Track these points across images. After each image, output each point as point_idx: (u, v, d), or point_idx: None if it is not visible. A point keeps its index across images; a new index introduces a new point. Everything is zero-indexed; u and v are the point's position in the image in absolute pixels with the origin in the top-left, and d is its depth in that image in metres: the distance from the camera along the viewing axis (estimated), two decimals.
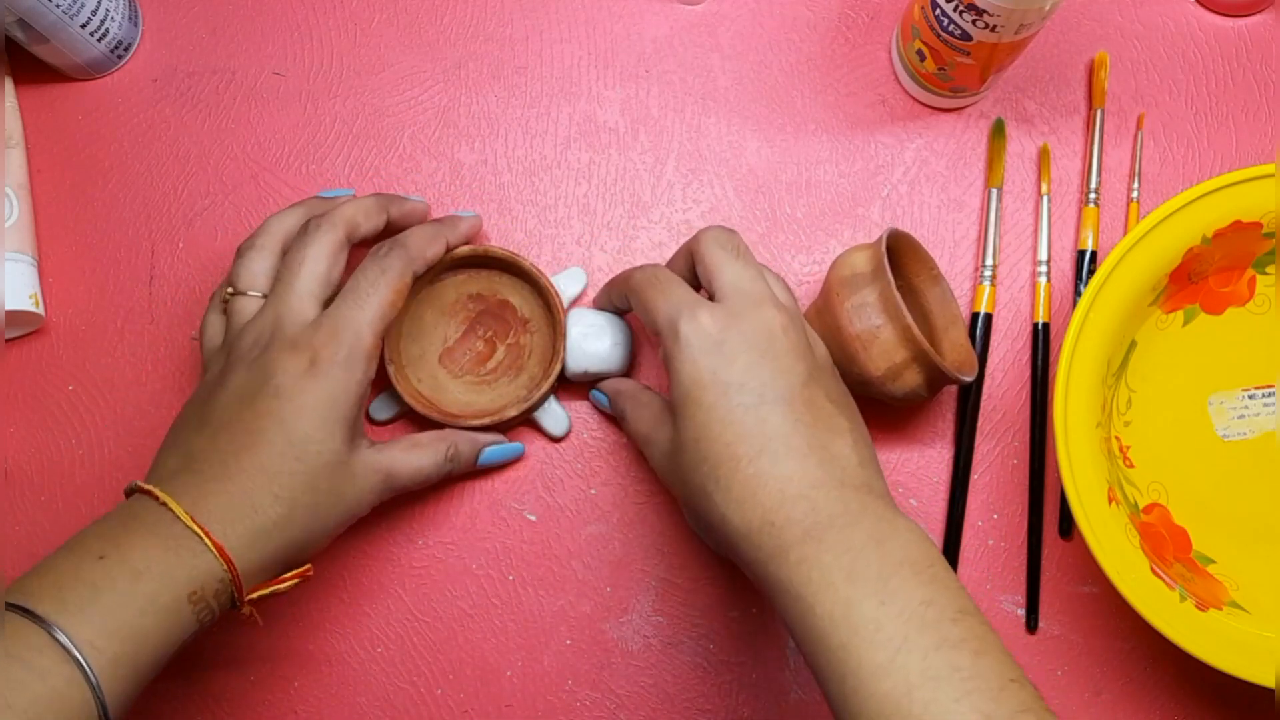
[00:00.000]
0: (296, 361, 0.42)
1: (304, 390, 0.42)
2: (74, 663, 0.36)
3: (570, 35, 0.56)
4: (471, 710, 0.52)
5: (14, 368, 0.53)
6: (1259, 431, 0.51)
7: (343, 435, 0.43)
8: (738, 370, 0.40)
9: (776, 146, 0.55)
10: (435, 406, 0.50)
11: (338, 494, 0.43)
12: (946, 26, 0.48)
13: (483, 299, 0.52)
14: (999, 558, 0.52)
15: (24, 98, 0.55)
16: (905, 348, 0.46)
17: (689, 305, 0.42)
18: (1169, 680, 0.52)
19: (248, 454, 0.41)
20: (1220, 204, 0.48)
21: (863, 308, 0.46)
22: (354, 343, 0.43)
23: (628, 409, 0.48)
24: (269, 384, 0.42)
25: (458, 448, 0.49)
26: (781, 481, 0.38)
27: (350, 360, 0.43)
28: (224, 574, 0.40)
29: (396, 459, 0.46)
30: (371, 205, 0.47)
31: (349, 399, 0.43)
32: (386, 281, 0.44)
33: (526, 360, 0.52)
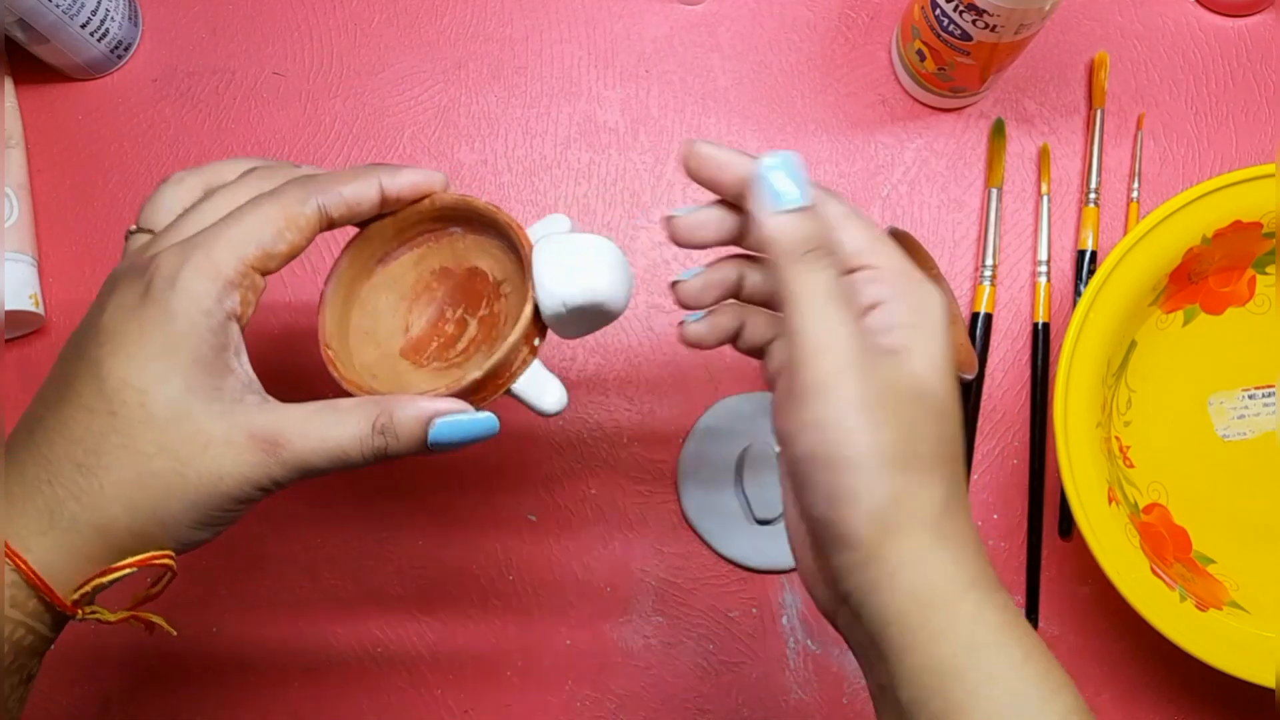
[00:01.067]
0: (131, 292, 0.32)
1: (127, 325, 0.32)
2: None
3: (570, 35, 0.56)
4: (471, 710, 0.52)
5: (14, 368, 0.53)
6: (1259, 431, 0.51)
7: (183, 381, 0.32)
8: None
9: (776, 146, 0.55)
10: None
11: (180, 459, 0.32)
12: (946, 26, 0.48)
13: (449, 274, 0.40)
14: (999, 558, 0.52)
15: (24, 98, 0.55)
16: None
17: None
18: (1169, 680, 0.52)
19: (53, 414, 0.32)
20: (1220, 204, 0.48)
21: None
22: (203, 261, 0.32)
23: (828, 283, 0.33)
24: (95, 321, 0.33)
25: (392, 417, 0.34)
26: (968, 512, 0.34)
27: (192, 281, 0.32)
28: (16, 575, 0.31)
29: (291, 423, 0.33)
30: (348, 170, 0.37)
31: (192, 333, 0.32)
32: (269, 201, 0.33)
33: (503, 327, 0.38)
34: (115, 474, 0.31)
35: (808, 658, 0.52)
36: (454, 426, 0.35)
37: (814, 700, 0.51)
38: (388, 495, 0.53)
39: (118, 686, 0.52)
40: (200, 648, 0.52)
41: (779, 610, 0.52)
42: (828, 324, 0.32)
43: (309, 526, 0.52)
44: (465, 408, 0.35)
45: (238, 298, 0.33)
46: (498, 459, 0.53)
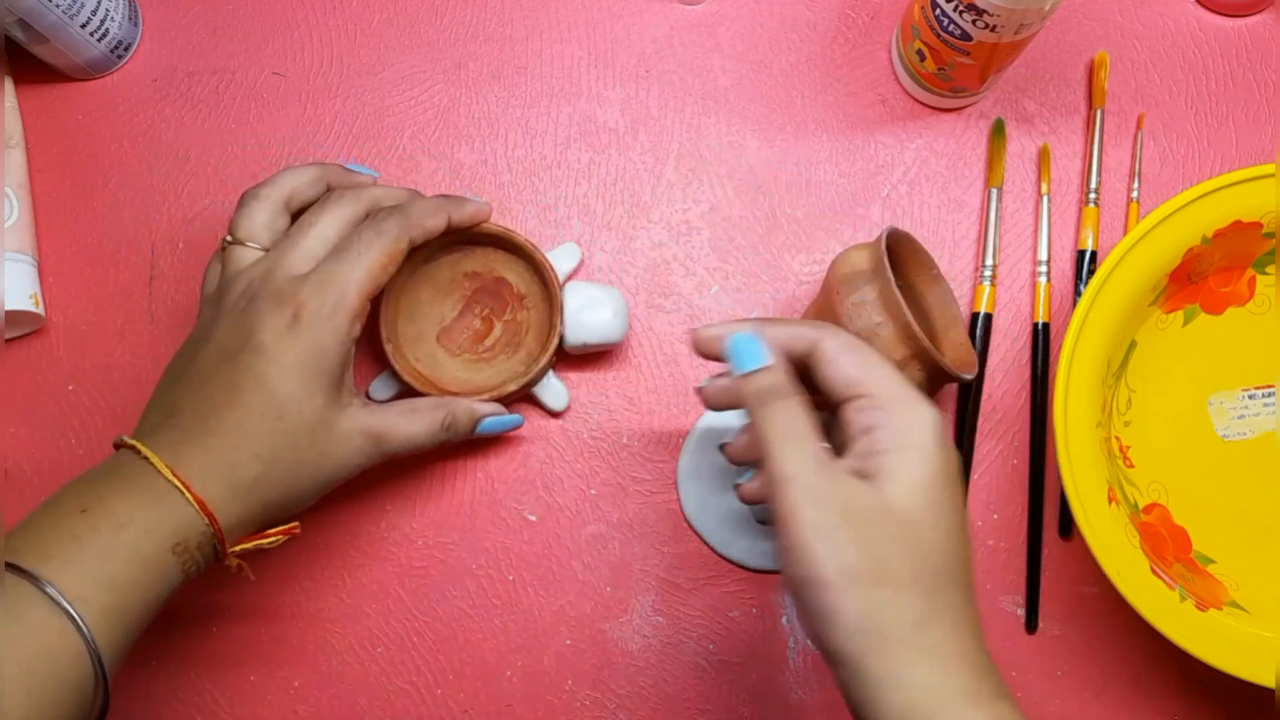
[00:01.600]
0: (280, 316, 0.42)
1: (285, 348, 0.41)
2: (64, 614, 0.36)
3: (570, 35, 0.56)
4: (471, 710, 0.52)
5: (14, 368, 0.53)
6: (1259, 431, 0.51)
7: (325, 394, 0.42)
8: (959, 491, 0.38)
9: (776, 146, 0.55)
10: (434, 384, 0.50)
11: (321, 453, 0.43)
12: (946, 26, 0.48)
13: (479, 277, 0.52)
14: (999, 558, 0.52)
15: (24, 98, 0.55)
16: (905, 345, 0.46)
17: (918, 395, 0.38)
18: (1169, 680, 0.52)
19: (227, 411, 0.41)
20: (1220, 204, 0.48)
21: (862, 305, 0.46)
22: (339, 300, 0.42)
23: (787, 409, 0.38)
24: (251, 340, 0.42)
25: (455, 416, 0.47)
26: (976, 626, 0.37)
27: (334, 317, 0.42)
28: (205, 527, 0.40)
29: (389, 421, 0.45)
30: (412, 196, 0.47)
31: (332, 357, 0.42)
32: (380, 244, 0.44)
33: (524, 336, 0.52)
34: (282, 465, 0.42)
35: (808, 658, 0.52)
36: (495, 423, 0.49)
37: (814, 700, 0.51)
38: (388, 495, 0.53)
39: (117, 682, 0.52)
40: (200, 648, 0.52)
41: (779, 610, 0.52)
42: (788, 456, 0.37)
43: (308, 527, 0.52)
44: (502, 410, 0.50)
45: (359, 326, 0.44)
46: (498, 459, 0.53)
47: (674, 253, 0.54)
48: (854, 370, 0.38)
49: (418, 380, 0.49)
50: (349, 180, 0.48)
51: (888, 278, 0.45)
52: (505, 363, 0.52)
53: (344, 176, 0.48)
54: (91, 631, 0.36)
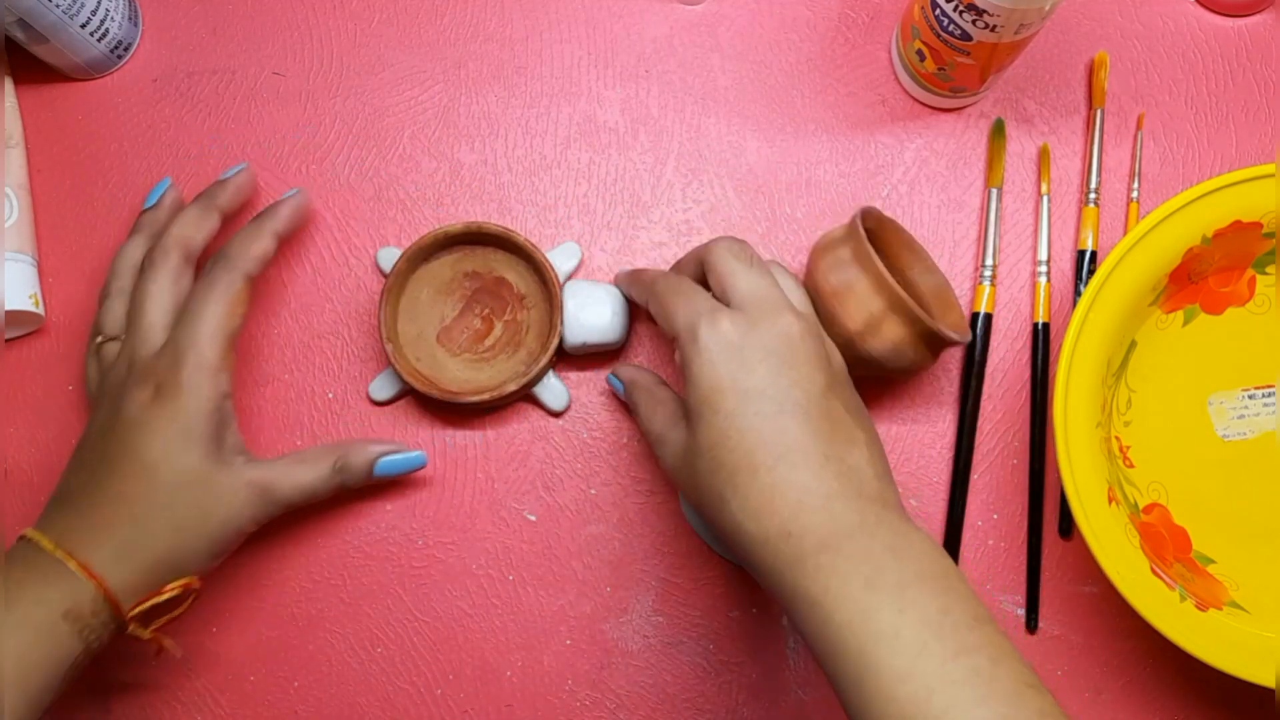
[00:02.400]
0: (143, 392, 0.44)
1: (151, 417, 0.44)
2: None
3: (570, 35, 0.56)
4: (471, 710, 0.52)
5: (14, 368, 0.53)
6: (1259, 431, 0.51)
7: (200, 454, 0.44)
8: (757, 378, 0.40)
9: (776, 146, 0.55)
10: (434, 384, 0.50)
11: (203, 510, 0.44)
12: (946, 26, 0.48)
13: (478, 276, 0.52)
14: (999, 558, 0.52)
15: (24, 98, 0.55)
16: (880, 295, 0.45)
17: (709, 311, 0.41)
18: (1169, 680, 0.52)
19: (106, 482, 0.44)
20: (1220, 204, 0.48)
21: (837, 264, 0.46)
22: (196, 361, 0.44)
23: (641, 403, 0.46)
24: (120, 416, 0.44)
25: (347, 459, 0.49)
26: (799, 491, 0.38)
27: (194, 379, 0.44)
28: (94, 590, 0.42)
29: (275, 471, 0.46)
30: (197, 215, 0.49)
31: (201, 417, 0.44)
32: (216, 296, 0.45)
33: (524, 336, 0.52)
34: (161, 525, 0.44)
35: (808, 658, 0.52)
36: (393, 463, 0.50)
37: (814, 700, 0.51)
38: (388, 496, 0.53)
39: (118, 685, 0.52)
40: (200, 648, 0.52)
41: (779, 610, 0.52)
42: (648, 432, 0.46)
43: (307, 528, 0.52)
44: (401, 448, 0.50)
45: (225, 378, 0.45)
46: (498, 459, 0.53)
47: (674, 253, 0.54)
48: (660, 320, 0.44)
49: (418, 380, 0.50)
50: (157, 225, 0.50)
51: (860, 236, 0.46)
52: (505, 362, 0.52)
53: (155, 222, 0.50)
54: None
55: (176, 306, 0.47)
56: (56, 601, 0.41)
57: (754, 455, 0.39)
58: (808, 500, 0.38)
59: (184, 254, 0.48)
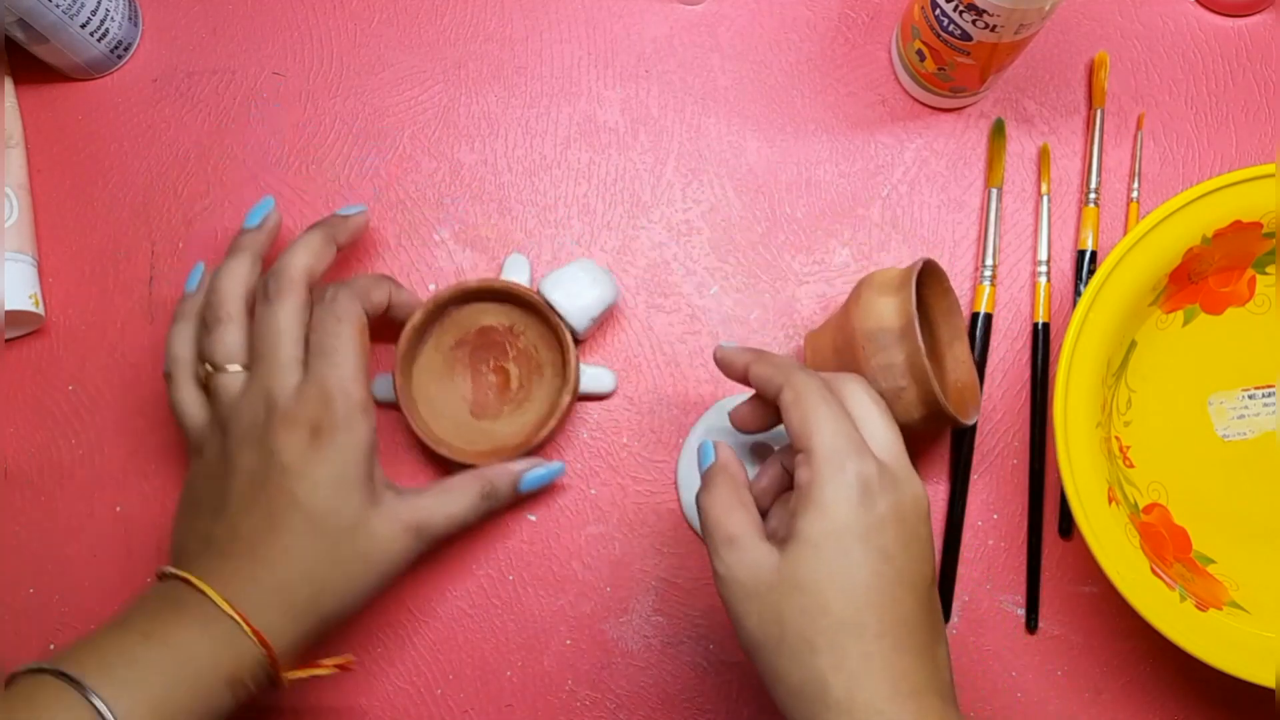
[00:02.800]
0: (298, 436, 0.42)
1: (311, 463, 0.42)
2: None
3: (570, 35, 0.56)
4: (471, 710, 0.52)
5: (14, 368, 0.53)
6: (1259, 431, 0.51)
7: (359, 496, 0.43)
8: (887, 539, 0.38)
9: (776, 146, 0.55)
10: (498, 453, 0.50)
11: (364, 559, 0.43)
12: (946, 26, 0.48)
13: (463, 342, 0.51)
14: (999, 558, 0.52)
15: (24, 98, 0.55)
16: (925, 406, 0.46)
17: (861, 447, 0.39)
18: (1169, 680, 0.52)
19: (272, 535, 0.42)
20: (1220, 204, 0.48)
21: (889, 369, 0.46)
22: (345, 402, 0.43)
23: (723, 491, 0.41)
24: (276, 463, 0.42)
25: (493, 484, 0.48)
26: (898, 673, 0.37)
27: (349, 420, 0.43)
28: (261, 657, 0.41)
29: (425, 509, 0.45)
30: (320, 245, 0.47)
31: (358, 459, 0.43)
32: (347, 329, 0.44)
33: (539, 357, 0.51)
34: (333, 582, 0.43)
35: None
36: (537, 477, 0.49)
37: None
38: None
39: None
40: None
41: None
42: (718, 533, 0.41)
43: None
44: (540, 463, 0.49)
45: (373, 412, 0.45)
46: None
47: (674, 253, 0.54)
48: (797, 425, 0.39)
49: (484, 459, 0.49)
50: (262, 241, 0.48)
51: (918, 345, 0.45)
52: (540, 389, 0.51)
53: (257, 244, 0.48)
54: None
55: (304, 338, 0.45)
56: (225, 666, 0.40)
57: (864, 615, 0.37)
58: (902, 685, 0.37)
59: (308, 284, 0.46)
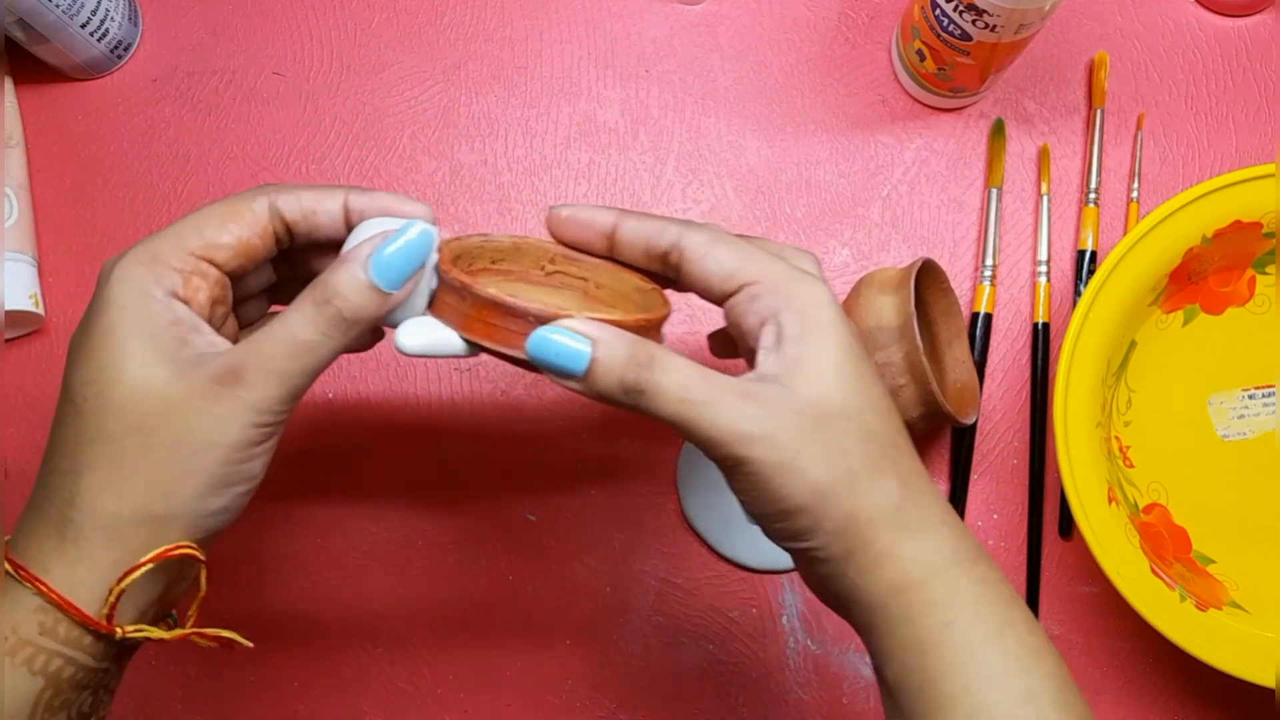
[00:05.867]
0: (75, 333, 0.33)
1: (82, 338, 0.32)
2: None
3: (570, 35, 0.56)
4: (471, 710, 0.52)
5: (14, 368, 0.53)
6: (1259, 431, 0.51)
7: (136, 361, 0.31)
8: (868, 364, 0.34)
9: (776, 146, 0.55)
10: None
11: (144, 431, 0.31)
12: (946, 26, 0.48)
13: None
14: (999, 558, 0.52)
15: (24, 98, 0.55)
16: (923, 404, 0.46)
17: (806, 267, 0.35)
18: (1169, 680, 0.52)
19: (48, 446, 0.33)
20: (1220, 204, 0.48)
21: (887, 366, 0.46)
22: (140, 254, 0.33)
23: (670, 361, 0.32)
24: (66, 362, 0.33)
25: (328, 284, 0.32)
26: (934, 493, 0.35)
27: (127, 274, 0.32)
28: (35, 598, 0.30)
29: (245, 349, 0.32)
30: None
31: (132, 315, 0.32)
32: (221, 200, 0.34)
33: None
34: (97, 468, 0.31)
35: (808, 658, 0.52)
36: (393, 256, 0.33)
37: (814, 700, 0.51)
38: (387, 496, 0.53)
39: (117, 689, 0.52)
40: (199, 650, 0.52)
41: (779, 610, 0.52)
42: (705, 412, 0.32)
43: (307, 528, 0.52)
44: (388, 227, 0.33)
45: (178, 280, 0.33)
46: (498, 459, 0.53)
47: None
48: (732, 260, 0.34)
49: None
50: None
51: (916, 344, 0.45)
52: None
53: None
54: None
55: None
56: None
57: (895, 435, 0.34)
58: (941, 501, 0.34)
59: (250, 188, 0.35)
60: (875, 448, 0.33)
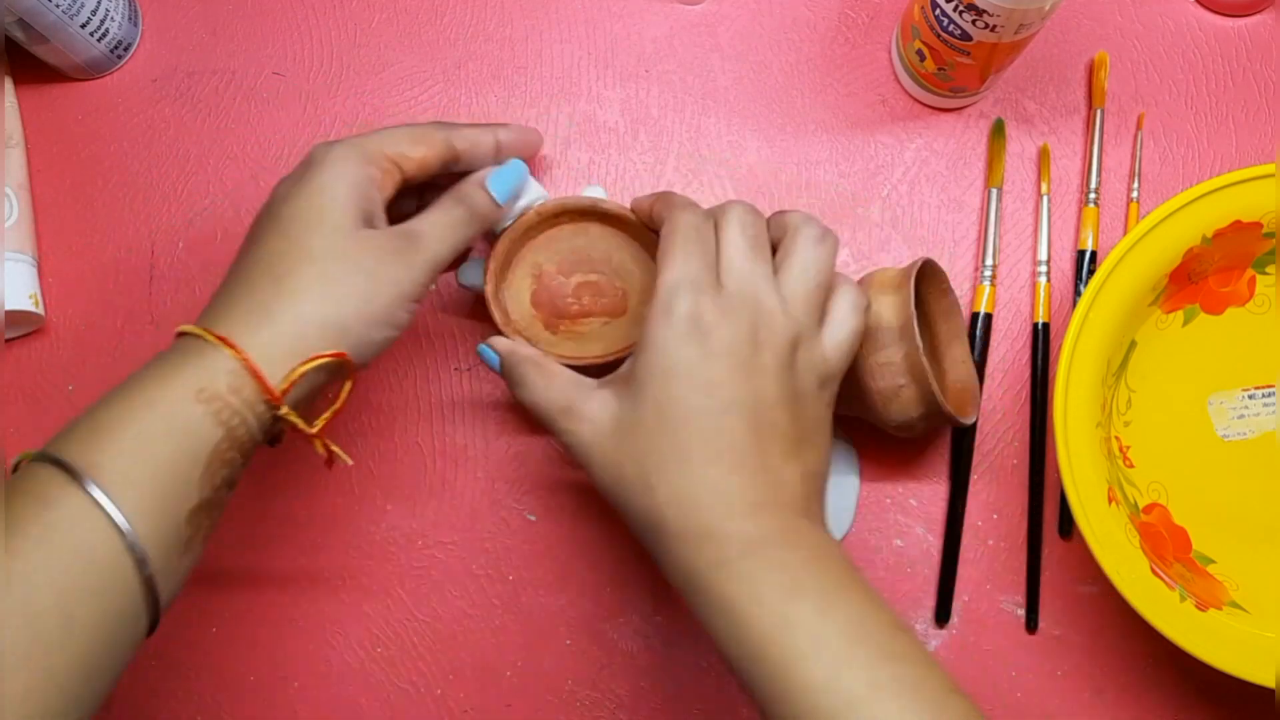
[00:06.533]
0: (291, 178, 0.42)
1: (295, 186, 0.41)
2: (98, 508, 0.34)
3: (570, 35, 0.56)
4: (471, 710, 0.52)
5: (14, 368, 0.53)
6: (1259, 431, 0.51)
7: (337, 214, 0.40)
8: (714, 370, 0.38)
9: (776, 146, 0.55)
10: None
11: (345, 259, 0.39)
12: (946, 26, 0.48)
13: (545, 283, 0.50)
14: (999, 558, 0.52)
15: (24, 98, 0.55)
16: (923, 404, 0.46)
17: (695, 283, 0.39)
18: (1169, 680, 0.52)
19: (246, 257, 0.40)
20: (1220, 204, 0.48)
21: (887, 366, 0.46)
22: (353, 144, 0.42)
23: (529, 374, 0.43)
24: (270, 199, 0.42)
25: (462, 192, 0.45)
26: (729, 495, 0.38)
27: (343, 153, 0.41)
28: (232, 363, 0.37)
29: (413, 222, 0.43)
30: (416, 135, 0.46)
31: (345, 185, 0.40)
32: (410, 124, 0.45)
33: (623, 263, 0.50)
34: (302, 278, 0.39)
35: None
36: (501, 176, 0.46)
37: None
38: (387, 495, 0.53)
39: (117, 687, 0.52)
40: (199, 649, 0.52)
41: None
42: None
43: (307, 528, 0.52)
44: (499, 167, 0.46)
45: (376, 170, 0.42)
46: (498, 459, 0.53)
47: None
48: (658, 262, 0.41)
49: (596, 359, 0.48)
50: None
51: (916, 344, 0.45)
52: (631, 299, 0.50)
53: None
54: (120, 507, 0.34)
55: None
56: (188, 380, 0.36)
57: (689, 447, 0.38)
58: (736, 505, 0.38)
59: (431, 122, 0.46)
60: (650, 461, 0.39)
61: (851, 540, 0.52)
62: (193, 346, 0.37)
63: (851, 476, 0.52)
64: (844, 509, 0.52)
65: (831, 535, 0.40)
